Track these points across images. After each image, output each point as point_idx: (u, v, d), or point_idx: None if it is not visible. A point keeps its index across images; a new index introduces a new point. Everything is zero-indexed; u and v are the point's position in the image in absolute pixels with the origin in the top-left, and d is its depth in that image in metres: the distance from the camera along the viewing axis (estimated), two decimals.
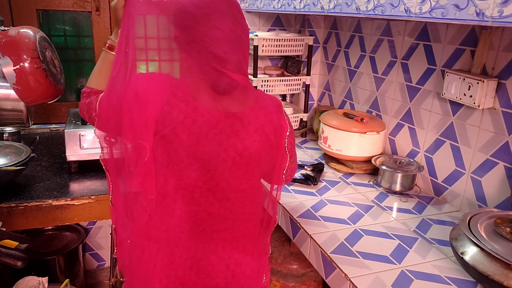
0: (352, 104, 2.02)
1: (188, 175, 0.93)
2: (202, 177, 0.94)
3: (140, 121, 0.90)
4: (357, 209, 1.40)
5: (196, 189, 0.94)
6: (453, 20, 0.90)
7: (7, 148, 1.45)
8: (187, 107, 0.91)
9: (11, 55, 1.29)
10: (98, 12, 2.01)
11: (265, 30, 2.20)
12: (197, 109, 0.91)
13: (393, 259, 1.13)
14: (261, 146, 0.97)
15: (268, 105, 1.00)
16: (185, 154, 0.91)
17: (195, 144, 0.91)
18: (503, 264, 0.94)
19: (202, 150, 0.92)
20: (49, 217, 1.35)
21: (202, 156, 0.92)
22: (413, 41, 1.58)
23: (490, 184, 1.31)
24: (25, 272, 1.57)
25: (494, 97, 1.28)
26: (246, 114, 0.95)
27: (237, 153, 0.94)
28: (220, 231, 0.98)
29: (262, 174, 1.04)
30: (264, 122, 0.97)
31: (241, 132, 0.94)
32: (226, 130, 0.93)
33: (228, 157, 0.93)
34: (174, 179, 0.94)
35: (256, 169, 0.99)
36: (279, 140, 1.01)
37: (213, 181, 0.95)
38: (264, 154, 0.98)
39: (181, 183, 0.94)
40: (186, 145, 0.91)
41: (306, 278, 1.78)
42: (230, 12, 0.91)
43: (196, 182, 0.93)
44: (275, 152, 1.01)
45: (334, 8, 1.32)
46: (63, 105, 2.10)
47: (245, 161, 0.96)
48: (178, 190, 0.94)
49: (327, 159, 1.78)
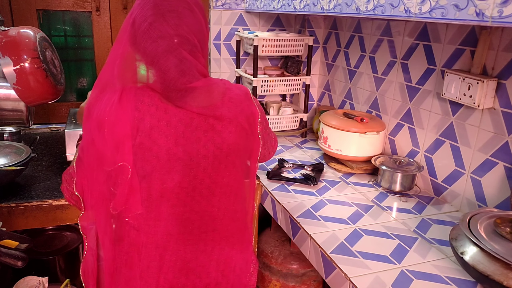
0: (352, 104, 2.02)
1: (172, 177, 0.91)
2: (186, 177, 0.92)
3: (113, 143, 0.88)
4: (357, 209, 1.40)
5: (181, 191, 0.92)
6: (453, 20, 0.90)
7: (7, 148, 1.45)
8: (157, 110, 0.89)
9: (11, 55, 1.29)
10: (98, 12, 2.01)
11: (265, 30, 2.20)
12: (168, 110, 0.89)
13: (393, 259, 1.13)
14: (238, 136, 0.96)
15: (236, 95, 0.98)
16: (166, 158, 0.90)
17: (174, 145, 0.90)
18: (503, 264, 0.94)
19: (182, 150, 0.90)
20: (50, 217, 1.35)
21: (183, 156, 0.91)
22: (413, 41, 1.58)
23: (490, 184, 1.31)
24: (25, 272, 1.57)
25: (494, 97, 1.28)
26: (217, 107, 0.94)
27: (216, 147, 0.93)
28: (208, 231, 0.97)
29: (244, 166, 1.03)
30: (236, 112, 0.96)
31: (216, 125, 0.93)
32: (202, 126, 0.92)
33: (209, 152, 0.92)
34: (158, 184, 0.91)
35: (237, 161, 0.98)
36: (253, 128, 1.00)
37: (197, 179, 0.93)
38: (242, 144, 0.98)
39: (166, 187, 0.91)
40: (165, 148, 0.89)
41: (306, 278, 1.79)
42: (171, 13, 0.87)
43: (180, 183, 0.92)
44: (251, 140, 1.01)
45: (334, 8, 1.32)
46: (63, 105, 2.10)
47: (225, 153, 0.94)
48: (163, 194, 0.92)
49: (327, 159, 1.78)
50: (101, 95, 0.92)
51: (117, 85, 0.90)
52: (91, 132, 0.90)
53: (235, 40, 2.15)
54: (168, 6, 0.87)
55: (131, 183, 0.89)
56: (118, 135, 0.87)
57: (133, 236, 0.93)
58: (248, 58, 2.22)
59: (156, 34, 0.86)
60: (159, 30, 0.86)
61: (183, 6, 0.88)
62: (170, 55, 0.86)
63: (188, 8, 0.89)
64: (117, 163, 0.88)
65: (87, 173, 0.94)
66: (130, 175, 0.89)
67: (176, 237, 0.94)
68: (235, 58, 2.20)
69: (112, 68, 0.91)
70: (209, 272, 0.98)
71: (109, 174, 0.90)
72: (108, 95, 0.91)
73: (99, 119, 0.89)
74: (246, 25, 2.17)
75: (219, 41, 2.15)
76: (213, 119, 0.93)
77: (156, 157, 0.89)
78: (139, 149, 0.88)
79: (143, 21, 0.86)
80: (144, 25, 0.86)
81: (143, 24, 0.86)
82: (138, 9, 0.88)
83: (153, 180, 0.91)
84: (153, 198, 0.92)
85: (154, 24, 0.86)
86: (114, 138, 0.87)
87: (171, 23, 0.86)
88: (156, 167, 0.90)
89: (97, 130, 0.89)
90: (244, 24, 2.16)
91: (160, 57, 0.86)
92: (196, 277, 0.96)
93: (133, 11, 0.90)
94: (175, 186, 0.92)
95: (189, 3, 0.89)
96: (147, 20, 0.86)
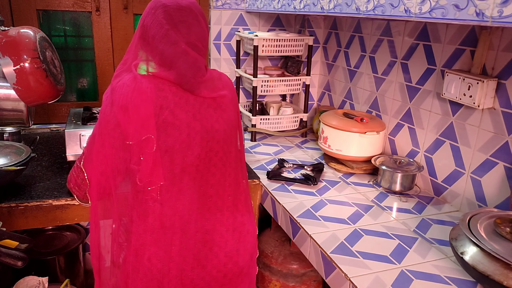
0: (352, 104, 2.02)
1: (192, 151, 1.01)
2: (204, 149, 1.03)
3: (138, 120, 0.96)
4: (357, 209, 1.40)
5: (200, 162, 1.03)
6: (453, 20, 0.90)
7: (7, 148, 1.45)
8: (177, 90, 1.01)
9: (11, 55, 1.29)
10: (98, 12, 2.01)
11: (265, 30, 2.20)
12: (185, 91, 1.03)
13: (393, 259, 1.13)
14: (235, 113, 1.13)
15: (226, 80, 1.15)
16: (187, 132, 1.00)
17: (193, 120, 1.01)
18: (503, 264, 0.94)
19: (200, 124, 1.02)
20: (50, 217, 1.35)
21: (201, 130, 1.02)
22: (413, 41, 1.58)
23: (490, 184, 1.31)
24: (25, 272, 1.57)
25: (494, 97, 1.28)
26: (220, 89, 1.09)
27: (225, 121, 1.07)
28: (224, 201, 1.08)
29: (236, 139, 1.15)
30: (233, 93, 1.14)
31: (222, 104, 1.08)
32: (212, 104, 1.06)
33: (220, 126, 1.06)
34: (179, 158, 0.99)
35: (235, 137, 1.13)
36: (237, 102, 1.17)
37: (213, 151, 1.05)
38: (236, 119, 1.14)
39: (187, 160, 1.00)
40: (186, 122, 1.00)
41: (306, 278, 1.79)
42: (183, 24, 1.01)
43: (199, 155, 1.02)
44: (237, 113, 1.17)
45: (334, 8, 1.32)
46: (63, 105, 2.10)
47: (231, 127, 1.09)
48: (184, 168, 1.00)
49: (327, 159, 1.78)
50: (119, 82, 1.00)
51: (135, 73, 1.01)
52: (116, 116, 0.97)
53: (235, 40, 2.15)
54: (179, 17, 1.00)
55: (155, 156, 0.97)
56: (142, 116, 0.96)
57: (157, 211, 1.00)
58: (248, 58, 2.22)
59: (173, 39, 0.99)
60: (174, 37, 0.99)
61: (192, 17, 1.02)
62: (187, 56, 1.01)
63: (196, 19, 1.03)
64: (141, 137, 0.96)
65: (111, 151, 1.00)
66: (156, 148, 0.97)
67: (197, 211, 1.03)
68: (235, 58, 2.20)
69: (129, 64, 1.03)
70: (227, 240, 1.07)
71: (132, 148, 0.97)
72: (125, 77, 0.99)
73: (122, 104, 0.96)
74: (246, 25, 2.17)
75: (219, 41, 2.16)
76: (220, 99, 1.08)
77: (179, 131, 0.99)
78: (163, 123, 0.98)
79: (159, 28, 0.99)
80: (162, 32, 0.99)
81: (160, 31, 0.99)
82: (153, 18, 1.01)
83: (175, 153, 0.99)
84: (175, 172, 1.00)
85: (170, 32, 0.99)
86: (139, 118, 0.96)
87: (183, 32, 1.00)
88: (178, 140, 0.99)
89: (122, 113, 0.96)
90: (244, 24, 2.16)
91: (179, 57, 1.00)
92: (216, 246, 1.05)
93: (146, 20, 1.02)
94: (195, 158, 1.02)
95: (196, 14, 1.03)
96: (163, 27, 0.99)
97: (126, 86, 0.98)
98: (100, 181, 1.01)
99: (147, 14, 1.02)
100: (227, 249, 1.06)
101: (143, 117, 0.96)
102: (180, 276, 1.00)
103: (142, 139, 0.96)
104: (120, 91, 0.97)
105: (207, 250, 1.04)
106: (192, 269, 1.01)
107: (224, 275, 1.05)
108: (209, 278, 1.03)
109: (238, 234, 1.10)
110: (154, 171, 0.98)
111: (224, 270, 1.05)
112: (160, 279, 0.99)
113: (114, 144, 0.98)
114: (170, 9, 1.00)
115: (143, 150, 0.97)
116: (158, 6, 1.00)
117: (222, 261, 1.05)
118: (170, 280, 0.99)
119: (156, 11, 1.00)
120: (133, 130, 0.96)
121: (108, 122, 0.98)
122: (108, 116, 0.98)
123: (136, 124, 0.96)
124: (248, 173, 1.59)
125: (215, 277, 1.04)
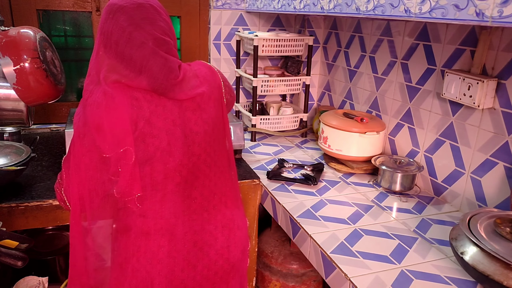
0: (352, 104, 2.02)
1: (173, 157, 0.98)
2: (186, 155, 1.00)
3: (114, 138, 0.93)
4: (357, 209, 1.40)
5: (183, 168, 1.00)
6: (453, 20, 0.90)
7: (7, 148, 1.45)
8: (152, 98, 0.98)
9: (11, 55, 1.29)
10: (98, 12, 2.01)
11: (265, 30, 2.20)
12: (161, 98, 0.99)
13: (393, 259, 1.13)
14: (216, 110, 1.07)
15: (205, 73, 1.08)
16: (167, 139, 0.97)
17: (172, 126, 0.98)
18: (503, 264, 0.94)
19: (180, 130, 0.99)
20: (50, 217, 1.35)
21: (181, 135, 0.99)
22: (413, 41, 1.58)
23: (490, 184, 1.31)
24: (25, 272, 1.57)
25: (494, 97, 1.28)
26: (197, 86, 1.03)
27: (204, 122, 1.03)
28: (210, 200, 1.06)
29: (223, 134, 1.12)
30: (211, 88, 1.07)
31: (200, 103, 1.03)
32: (190, 105, 1.02)
33: (200, 128, 1.02)
34: (161, 165, 0.98)
35: (220, 131, 1.09)
36: (221, 96, 1.10)
37: (195, 155, 1.02)
38: (219, 115, 1.09)
39: (169, 167, 0.98)
40: (165, 129, 0.97)
41: (306, 278, 1.79)
42: (145, 21, 0.96)
43: (181, 161, 0.99)
44: (222, 106, 1.11)
45: (334, 8, 1.32)
46: (63, 105, 2.10)
47: (211, 127, 1.05)
48: (167, 175, 0.99)
49: (327, 159, 1.78)
50: (89, 100, 0.96)
51: (105, 86, 0.96)
52: (91, 135, 0.94)
53: (235, 40, 2.15)
54: (140, 14, 0.96)
55: (134, 167, 0.95)
56: (118, 133, 0.93)
57: (140, 224, 0.98)
58: (248, 58, 2.22)
59: (138, 42, 0.95)
60: (139, 38, 0.95)
61: (152, 12, 0.98)
62: (156, 56, 0.96)
63: (156, 12, 0.99)
64: (119, 150, 0.94)
65: (88, 174, 0.96)
66: (134, 159, 0.94)
67: (183, 213, 1.02)
68: (235, 58, 2.20)
69: (97, 76, 0.98)
70: (217, 238, 1.06)
71: (109, 161, 0.94)
72: (96, 93, 0.96)
73: (96, 124, 0.93)
74: (246, 25, 2.17)
75: (219, 41, 2.16)
76: (199, 98, 1.03)
77: (158, 139, 0.97)
78: (141, 134, 0.95)
79: (121, 32, 0.95)
80: (125, 36, 0.95)
81: (123, 35, 0.95)
82: (112, 23, 0.96)
83: (156, 162, 0.97)
84: (157, 180, 0.98)
85: (134, 33, 0.95)
86: (115, 135, 0.93)
87: (146, 29, 0.96)
88: (159, 148, 0.97)
89: (97, 133, 0.93)
90: (244, 24, 2.16)
91: (149, 59, 0.95)
92: (206, 245, 1.04)
93: (105, 26, 0.97)
94: (177, 165, 0.99)
95: (155, 8, 0.99)
96: (126, 30, 0.94)
97: (97, 104, 0.94)
98: (79, 204, 0.98)
99: (105, 20, 0.97)
100: (217, 246, 1.05)
101: (119, 134, 0.93)
102: (170, 277, 0.99)
103: (119, 152, 0.94)
104: (92, 110, 0.94)
105: (197, 250, 1.03)
106: (182, 270, 1.00)
107: (215, 272, 1.05)
108: (200, 278, 1.02)
109: (228, 231, 1.08)
110: (132, 182, 0.95)
111: (215, 268, 1.05)
112: (149, 280, 0.98)
113: (91, 161, 0.95)
114: (128, 9, 0.95)
115: (121, 161, 0.94)
116: (115, 10, 0.96)
117: (212, 259, 1.04)
118: (160, 282, 0.98)
119: (115, 15, 0.96)
120: (109, 146, 0.93)
121: (83, 143, 0.95)
122: (82, 136, 0.95)
123: (113, 141, 0.93)
124: (248, 173, 1.60)
125: (206, 276, 1.03)
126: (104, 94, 0.94)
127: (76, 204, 0.98)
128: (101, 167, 0.95)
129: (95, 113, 0.93)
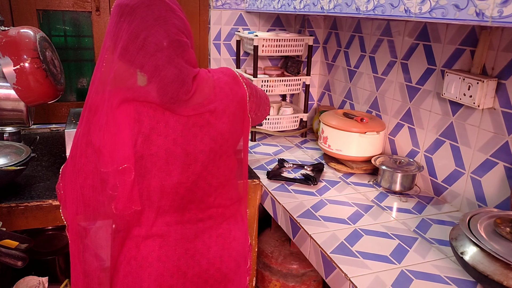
0: (352, 104, 2.02)
1: (170, 176, 0.95)
2: (185, 173, 0.96)
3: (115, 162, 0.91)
4: (357, 209, 1.40)
5: (180, 186, 0.96)
6: (453, 20, 0.90)
7: (7, 148, 1.45)
8: (155, 112, 0.91)
9: (11, 55, 1.29)
10: (98, 12, 2.01)
11: (265, 30, 2.20)
12: (165, 113, 0.92)
13: (393, 259, 1.13)
14: (231, 125, 0.99)
15: (225, 83, 1.00)
16: (165, 157, 0.93)
17: (173, 145, 0.93)
18: (503, 264, 0.94)
19: (180, 148, 0.94)
20: (50, 217, 1.35)
21: (181, 154, 0.94)
22: (413, 41, 1.58)
23: (490, 184, 1.31)
24: (25, 272, 1.57)
25: (494, 97, 1.28)
26: (211, 101, 0.96)
27: (212, 139, 0.96)
28: (204, 212, 1.03)
29: (234, 149, 1.05)
30: (228, 101, 0.98)
31: (210, 119, 0.95)
32: (198, 122, 0.94)
33: (206, 146, 0.96)
34: (157, 182, 0.94)
35: (230, 149, 1.02)
36: (244, 109, 1.02)
37: (195, 174, 0.97)
38: (233, 130, 1.00)
39: (165, 184, 0.95)
40: (164, 148, 0.92)
41: (306, 278, 1.79)
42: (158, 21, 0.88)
43: (179, 180, 0.96)
44: (242, 121, 1.03)
45: (334, 8, 1.32)
46: (63, 105, 2.10)
47: (219, 144, 0.98)
48: (162, 191, 0.96)
49: (327, 159, 1.78)
50: (93, 118, 0.92)
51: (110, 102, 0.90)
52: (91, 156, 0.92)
53: (235, 40, 2.15)
54: (152, 14, 0.88)
55: (133, 183, 0.93)
56: (120, 158, 0.91)
57: (133, 232, 0.98)
58: (248, 58, 2.22)
59: (152, 48, 0.87)
60: (154, 44, 0.87)
61: (165, 9, 0.90)
62: (170, 66, 0.89)
63: (170, 10, 0.91)
64: (118, 167, 0.91)
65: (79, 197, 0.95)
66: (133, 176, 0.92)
67: (175, 222, 0.99)
68: (235, 58, 2.20)
69: (102, 87, 0.91)
70: (210, 247, 1.03)
71: (108, 176, 0.92)
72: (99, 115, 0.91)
73: (97, 147, 0.91)
74: (246, 25, 2.17)
75: (219, 41, 2.16)
76: (209, 114, 0.95)
77: (156, 156, 0.93)
78: (139, 149, 0.92)
79: (134, 38, 0.87)
80: (137, 43, 0.87)
81: (135, 42, 0.87)
82: (123, 27, 0.88)
83: (153, 178, 0.94)
84: (152, 196, 0.96)
85: (148, 39, 0.87)
86: (116, 159, 0.91)
87: (160, 32, 0.88)
88: (155, 165, 0.94)
89: (96, 156, 0.91)
90: (244, 24, 2.16)
91: (162, 70, 0.88)
92: (198, 253, 1.02)
93: (115, 30, 0.89)
94: (175, 183, 0.96)
95: (168, 4, 0.91)
96: (139, 37, 0.87)
97: (99, 126, 0.90)
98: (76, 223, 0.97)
99: (115, 24, 0.89)
100: (209, 255, 1.03)
101: (119, 158, 0.90)
102: (160, 281, 0.98)
103: (119, 169, 0.91)
104: (95, 131, 0.91)
105: (188, 258, 1.00)
106: (171, 276, 0.99)
107: (205, 281, 1.02)
108: (190, 285, 1.00)
109: (223, 241, 1.05)
110: (131, 198, 0.94)
111: (205, 276, 1.02)
112: (139, 282, 0.97)
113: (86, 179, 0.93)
114: (140, 10, 0.87)
115: (120, 177, 0.92)
116: (127, 12, 0.87)
117: (203, 267, 1.02)
118: (149, 285, 0.97)
119: (126, 18, 0.87)
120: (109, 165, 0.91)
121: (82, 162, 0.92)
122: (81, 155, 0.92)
123: (112, 162, 0.91)
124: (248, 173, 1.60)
125: (196, 284, 1.01)
126: (107, 115, 0.90)
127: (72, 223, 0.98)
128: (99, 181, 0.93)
129: (97, 135, 0.91)
